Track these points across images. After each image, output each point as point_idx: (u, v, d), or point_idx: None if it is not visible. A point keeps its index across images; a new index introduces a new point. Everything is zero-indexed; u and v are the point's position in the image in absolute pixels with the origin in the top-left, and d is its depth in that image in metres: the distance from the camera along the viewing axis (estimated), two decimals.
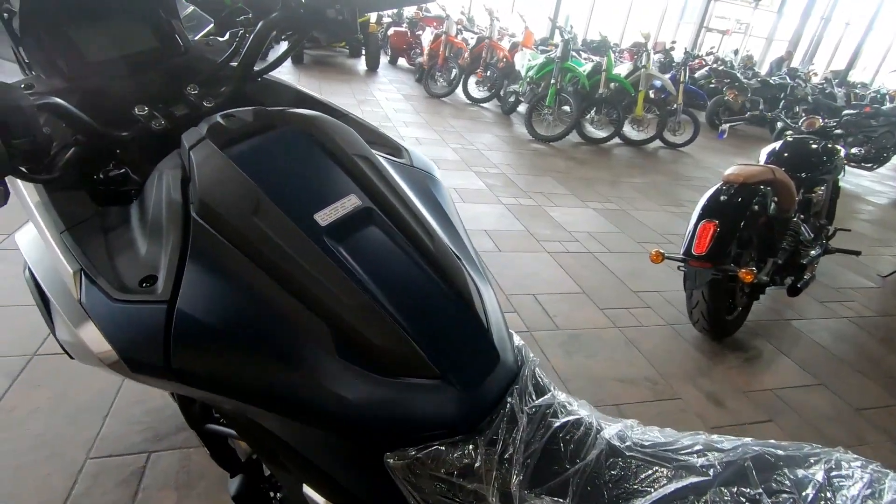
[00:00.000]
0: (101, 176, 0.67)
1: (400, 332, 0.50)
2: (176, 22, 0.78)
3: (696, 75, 9.22)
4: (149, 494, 1.24)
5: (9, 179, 0.53)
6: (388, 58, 9.55)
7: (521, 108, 6.43)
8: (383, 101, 6.21)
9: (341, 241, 0.54)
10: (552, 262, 2.80)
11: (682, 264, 2.03)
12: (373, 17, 8.21)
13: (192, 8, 0.83)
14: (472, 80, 6.93)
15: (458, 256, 0.61)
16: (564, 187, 4.09)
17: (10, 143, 0.44)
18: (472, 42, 7.16)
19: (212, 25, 0.86)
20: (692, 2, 16.04)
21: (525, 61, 6.17)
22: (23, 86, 0.64)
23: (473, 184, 3.83)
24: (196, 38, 0.84)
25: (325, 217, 0.54)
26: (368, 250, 0.54)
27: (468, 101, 6.99)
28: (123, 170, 0.69)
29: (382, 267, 0.54)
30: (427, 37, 7.55)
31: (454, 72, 6.90)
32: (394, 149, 0.76)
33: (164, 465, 1.32)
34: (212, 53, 0.80)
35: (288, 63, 7.43)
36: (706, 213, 1.99)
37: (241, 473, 0.91)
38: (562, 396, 0.57)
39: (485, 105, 6.99)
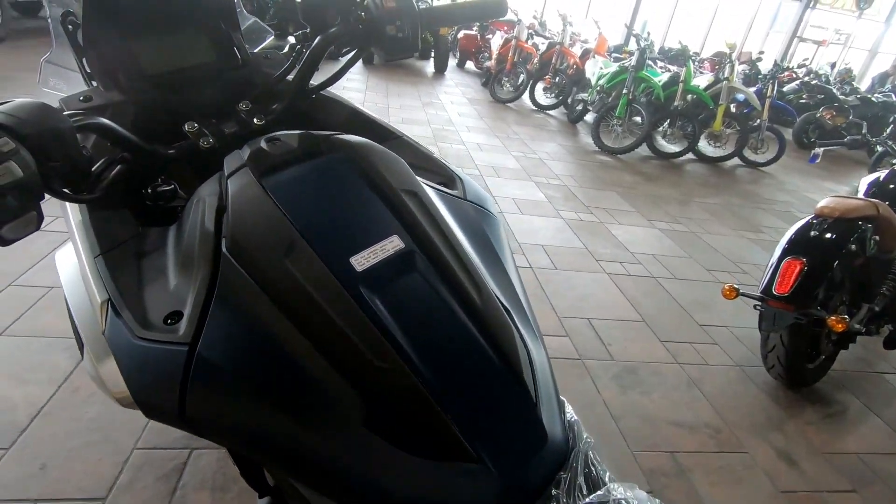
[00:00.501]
0: (150, 191, 0.66)
1: (434, 408, 0.44)
2: (236, 34, 0.76)
3: (785, 89, 8.55)
4: (185, 493, 1.26)
5: (56, 200, 0.52)
6: (457, 61, 9.56)
7: (589, 117, 6.21)
8: (448, 105, 6.20)
9: (377, 291, 0.48)
10: (611, 284, 2.65)
11: (760, 303, 1.83)
12: None
13: (252, 20, 0.81)
14: (539, 87, 6.77)
15: (507, 310, 0.54)
16: (629, 204, 3.89)
17: (46, 166, 0.43)
18: (543, 47, 7.00)
19: (272, 38, 0.84)
20: (785, 9, 14.89)
21: (596, 69, 5.95)
22: (81, 98, 0.64)
23: (533, 195, 3.71)
24: (255, 50, 0.82)
25: (362, 261, 0.49)
26: (406, 303, 0.49)
27: (534, 108, 6.85)
28: (172, 185, 0.68)
29: (420, 324, 0.48)
30: (497, 41, 7.47)
31: (521, 77, 6.78)
32: (447, 178, 0.71)
33: (204, 463, 1.34)
34: (269, 67, 0.78)
35: (358, 63, 7.60)
36: (793, 248, 1.78)
37: (269, 496, 0.89)
38: (619, 491, 0.48)
39: (551, 112, 6.82)
